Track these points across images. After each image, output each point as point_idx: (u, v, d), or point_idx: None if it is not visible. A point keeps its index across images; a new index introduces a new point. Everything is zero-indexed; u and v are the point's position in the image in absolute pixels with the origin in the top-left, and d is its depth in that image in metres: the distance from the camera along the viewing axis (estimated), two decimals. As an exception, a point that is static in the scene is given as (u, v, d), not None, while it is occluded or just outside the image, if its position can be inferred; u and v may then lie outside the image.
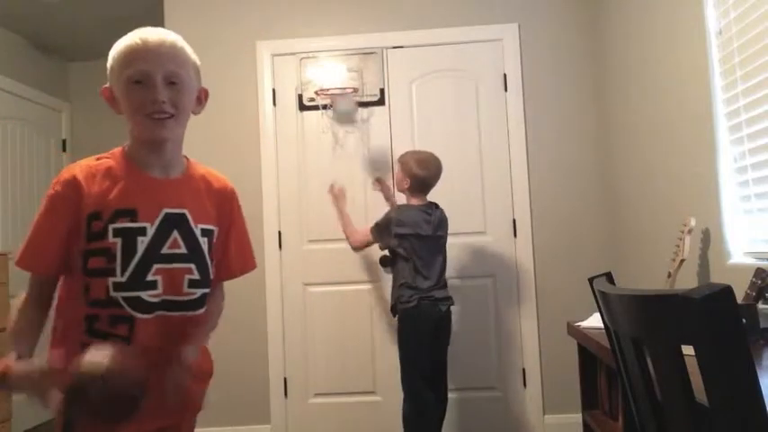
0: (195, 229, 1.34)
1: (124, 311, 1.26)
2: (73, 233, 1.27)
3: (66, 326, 1.32)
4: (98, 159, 1.34)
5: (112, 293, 1.26)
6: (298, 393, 3.39)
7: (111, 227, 1.26)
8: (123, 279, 1.26)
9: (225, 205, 1.44)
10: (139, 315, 1.27)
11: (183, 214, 1.33)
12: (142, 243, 1.27)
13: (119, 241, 1.26)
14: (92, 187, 1.28)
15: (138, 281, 1.26)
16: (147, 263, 1.27)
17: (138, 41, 1.28)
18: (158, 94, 1.27)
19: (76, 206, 1.27)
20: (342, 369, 3.39)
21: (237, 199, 1.51)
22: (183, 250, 1.32)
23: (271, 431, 3.37)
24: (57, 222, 1.28)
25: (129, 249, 1.26)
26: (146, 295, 1.27)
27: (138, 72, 1.27)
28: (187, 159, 1.44)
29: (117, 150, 1.36)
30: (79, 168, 1.31)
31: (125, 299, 1.26)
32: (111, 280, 1.25)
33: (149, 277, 1.27)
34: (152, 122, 1.28)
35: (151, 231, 1.29)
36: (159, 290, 1.28)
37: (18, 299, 1.31)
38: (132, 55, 1.28)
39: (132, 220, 1.28)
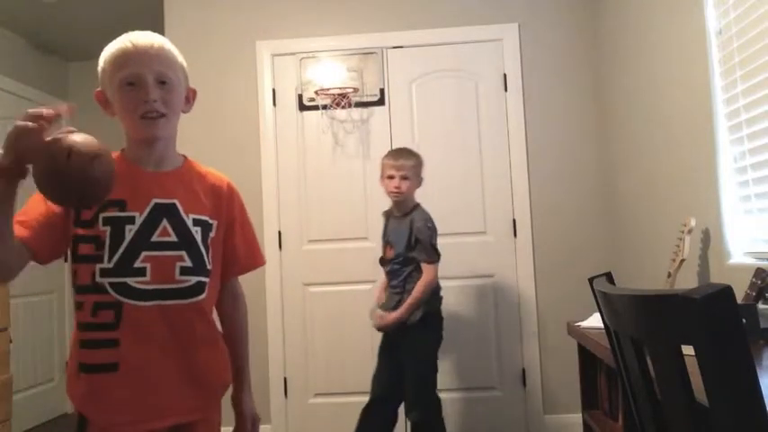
0: (186, 219, 1.37)
1: (109, 297, 1.28)
2: (64, 220, 1.30)
3: (74, 331, 1.35)
4: None
5: (98, 279, 1.28)
6: (298, 393, 3.40)
7: (101, 216, 1.30)
8: (110, 265, 1.29)
9: (222, 200, 1.47)
10: (129, 301, 1.28)
11: (173, 204, 1.37)
12: (130, 231, 1.31)
13: (108, 229, 1.30)
14: None
15: (126, 267, 1.29)
16: (135, 250, 1.30)
17: (129, 45, 1.33)
18: (150, 94, 1.32)
19: None
20: (342, 369, 3.39)
21: (238, 196, 1.53)
22: (173, 238, 1.34)
23: (271, 431, 3.37)
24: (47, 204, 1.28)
25: (117, 237, 1.30)
26: (133, 282, 1.29)
27: (131, 74, 1.31)
28: (185, 158, 1.47)
29: (115, 153, 1.39)
30: None
31: (111, 284, 1.28)
32: (98, 266, 1.28)
33: (137, 264, 1.30)
34: (145, 122, 1.33)
35: (140, 220, 1.32)
36: (148, 277, 1.30)
37: None
38: (124, 58, 1.32)
39: (121, 210, 1.31)
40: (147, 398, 1.30)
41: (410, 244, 2.66)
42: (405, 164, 2.70)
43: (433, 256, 2.66)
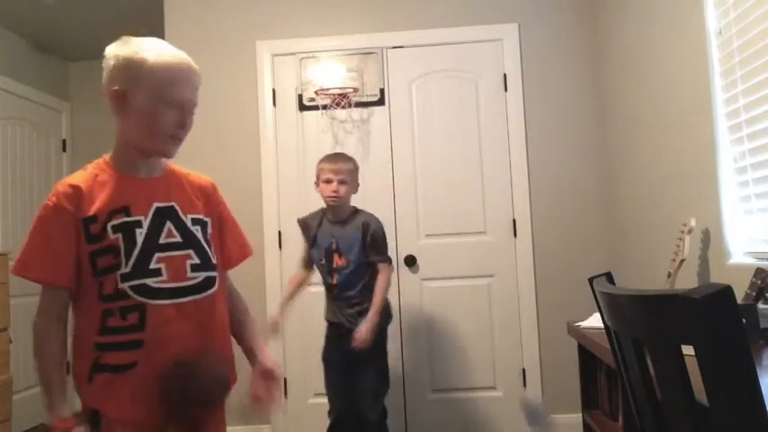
0: (185, 219, 1.42)
1: (132, 300, 1.32)
2: (75, 239, 1.33)
3: (79, 336, 1.36)
4: (85, 170, 1.41)
5: (120, 285, 1.32)
6: (298, 393, 3.40)
7: (108, 225, 1.33)
8: (128, 269, 1.32)
9: (210, 199, 1.53)
10: (150, 301, 1.32)
11: (172, 206, 1.41)
12: (140, 234, 1.34)
13: (119, 236, 1.33)
14: (88, 193, 1.35)
15: (143, 269, 1.33)
16: (149, 252, 1.34)
17: (185, 66, 1.38)
18: (188, 121, 1.39)
19: (74, 213, 1.33)
20: (342, 369, 3.38)
21: (219, 191, 1.59)
22: (178, 239, 1.39)
23: (271, 431, 3.37)
24: (60, 230, 1.32)
25: (129, 242, 1.33)
26: (152, 282, 1.33)
27: (180, 97, 1.36)
28: (166, 162, 1.51)
29: (100, 161, 1.43)
30: (72, 179, 1.38)
31: (131, 287, 1.32)
32: (118, 273, 1.32)
33: (153, 265, 1.34)
34: (170, 142, 1.39)
35: (146, 223, 1.36)
36: (164, 276, 1.35)
37: (38, 327, 1.34)
38: (179, 77, 1.36)
39: (127, 215, 1.35)
40: None
41: (365, 249, 2.62)
42: (343, 167, 2.63)
43: (387, 255, 2.69)
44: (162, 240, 1.36)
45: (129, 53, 1.36)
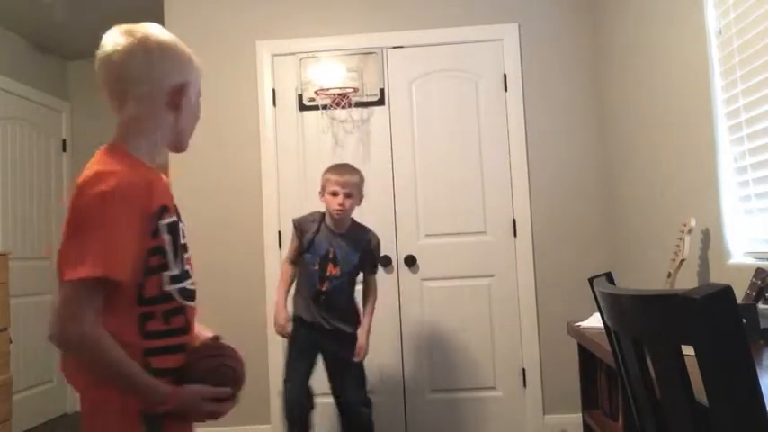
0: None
1: (176, 303, 1.28)
2: (141, 236, 1.23)
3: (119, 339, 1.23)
4: (122, 159, 1.26)
5: (166, 287, 1.26)
6: (298, 393, 3.39)
7: (160, 223, 1.25)
8: (177, 272, 1.29)
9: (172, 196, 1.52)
10: (189, 303, 1.32)
11: (176, 205, 1.39)
12: (180, 235, 1.32)
13: (168, 237, 1.27)
14: (154, 186, 1.26)
15: (183, 272, 1.31)
16: (183, 254, 1.33)
17: None
18: None
19: (145, 207, 1.23)
20: (342, 369, 3.38)
21: None
22: (185, 239, 1.37)
23: (271, 431, 3.37)
24: (130, 222, 1.20)
25: (175, 243, 1.29)
26: (187, 284, 1.33)
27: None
28: None
29: (125, 154, 1.29)
30: (130, 169, 1.25)
31: (178, 290, 1.29)
32: (165, 275, 1.26)
33: (185, 267, 1.33)
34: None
35: (179, 222, 1.34)
36: (193, 278, 1.35)
37: (92, 328, 1.16)
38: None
39: (169, 215, 1.29)
40: None
41: (361, 263, 2.70)
42: (349, 180, 2.61)
43: (376, 267, 2.81)
44: (182, 240, 1.34)
45: (177, 45, 1.35)
